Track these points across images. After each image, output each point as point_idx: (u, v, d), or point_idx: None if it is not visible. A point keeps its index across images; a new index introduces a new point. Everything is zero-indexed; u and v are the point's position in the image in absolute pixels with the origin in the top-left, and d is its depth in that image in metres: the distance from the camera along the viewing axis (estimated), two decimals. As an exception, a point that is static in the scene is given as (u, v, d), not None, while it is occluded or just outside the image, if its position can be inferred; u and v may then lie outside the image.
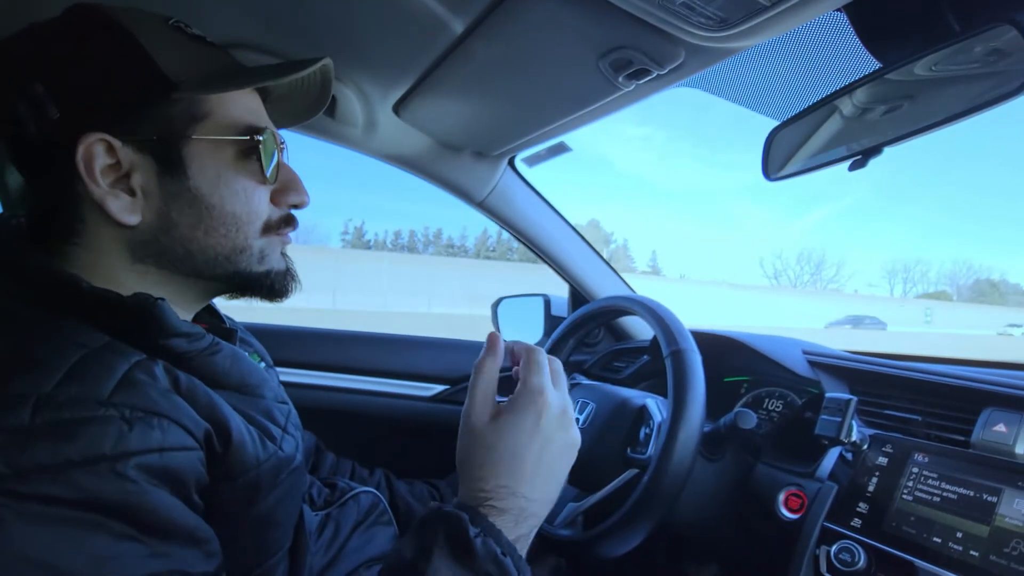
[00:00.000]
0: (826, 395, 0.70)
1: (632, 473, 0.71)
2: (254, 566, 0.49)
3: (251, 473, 0.46)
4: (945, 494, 0.58)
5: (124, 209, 0.45)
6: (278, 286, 0.54)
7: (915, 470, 0.62)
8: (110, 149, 0.44)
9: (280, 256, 0.54)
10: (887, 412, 0.73)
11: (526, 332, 1.33)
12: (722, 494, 0.75)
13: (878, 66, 0.62)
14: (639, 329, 1.25)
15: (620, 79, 0.69)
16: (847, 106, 0.67)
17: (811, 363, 0.86)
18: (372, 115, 0.92)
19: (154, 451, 0.37)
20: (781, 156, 0.75)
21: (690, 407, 0.67)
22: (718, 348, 0.94)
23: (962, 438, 0.63)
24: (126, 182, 0.45)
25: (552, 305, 1.30)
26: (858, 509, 0.62)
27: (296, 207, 0.54)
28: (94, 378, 0.37)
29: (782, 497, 0.69)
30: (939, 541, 0.55)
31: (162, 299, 0.44)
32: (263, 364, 0.62)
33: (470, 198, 1.13)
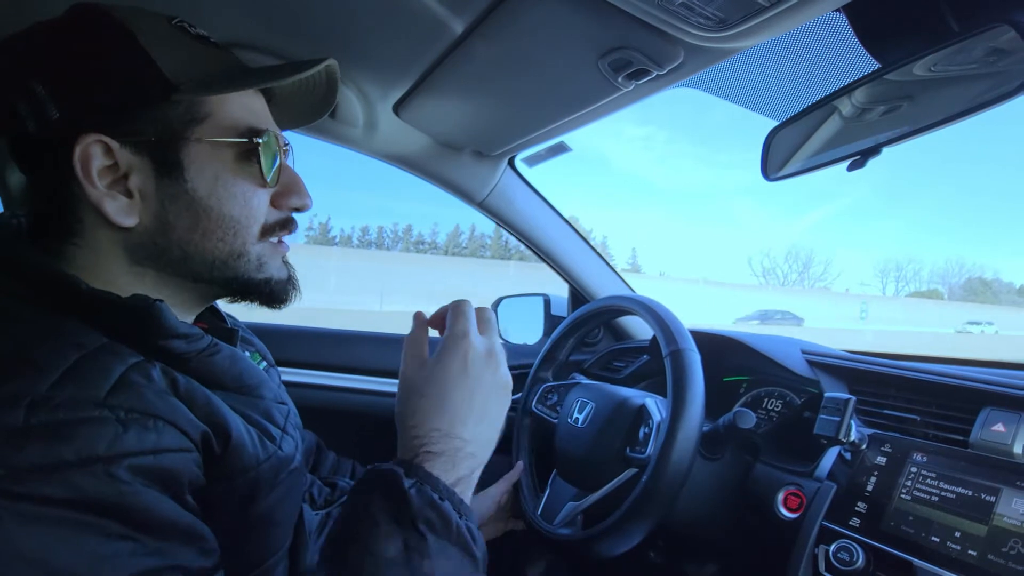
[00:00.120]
0: (825, 395, 0.70)
1: (631, 472, 0.71)
2: (254, 565, 0.49)
3: (250, 473, 0.46)
4: (943, 493, 0.58)
5: (121, 211, 0.44)
6: (277, 293, 0.53)
7: (914, 469, 0.62)
8: (108, 150, 0.44)
9: (281, 264, 0.54)
10: (886, 412, 0.73)
11: (526, 332, 1.33)
12: (721, 494, 0.75)
13: (877, 66, 0.62)
14: (639, 329, 1.25)
15: (620, 79, 0.69)
16: (846, 106, 0.67)
17: (810, 363, 0.86)
18: (372, 115, 0.92)
19: (148, 453, 0.37)
20: (780, 156, 0.75)
21: (689, 407, 0.67)
22: (717, 348, 0.94)
23: (960, 438, 0.63)
24: (124, 183, 0.45)
25: (552, 305, 1.30)
26: (857, 508, 0.63)
27: (297, 210, 0.54)
28: (90, 379, 0.37)
29: (781, 496, 0.70)
30: (937, 540, 0.56)
31: (160, 300, 0.43)
32: (264, 364, 0.63)
33: (470, 198, 1.14)
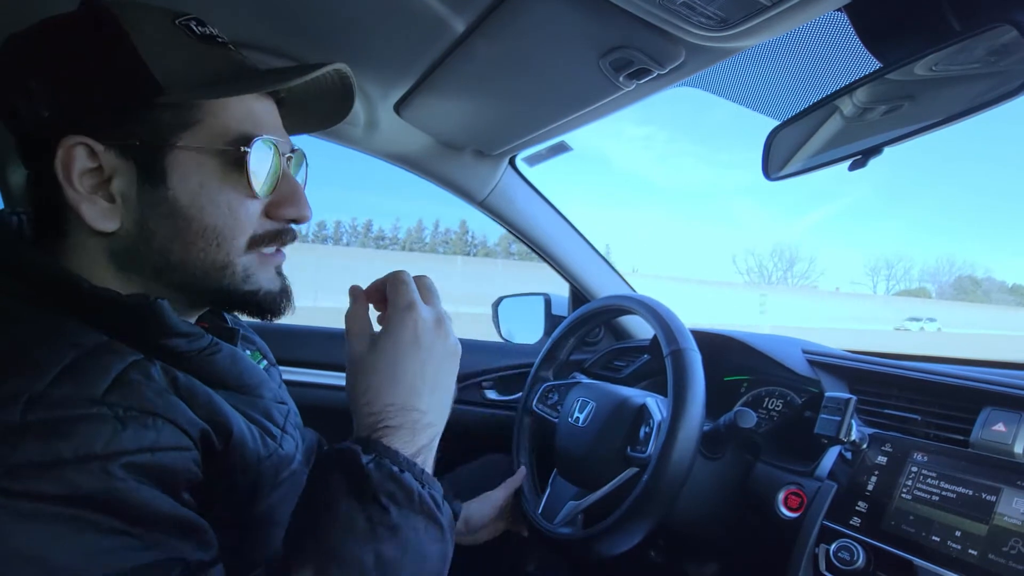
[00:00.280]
0: (826, 394, 0.70)
1: (632, 472, 0.71)
2: (255, 565, 0.49)
3: (251, 471, 0.46)
4: (944, 493, 0.58)
5: (100, 216, 0.43)
6: (267, 306, 0.51)
7: (914, 469, 0.62)
8: (92, 153, 0.42)
9: (274, 276, 0.51)
10: (887, 411, 0.73)
11: (527, 331, 1.33)
12: (722, 493, 0.75)
13: (878, 66, 0.62)
14: (639, 328, 1.25)
15: (621, 79, 0.69)
16: (847, 106, 0.67)
17: (811, 362, 0.86)
18: (373, 114, 0.92)
19: (146, 450, 0.37)
20: (781, 156, 0.75)
21: (690, 406, 0.67)
22: (718, 347, 0.94)
23: (961, 437, 0.63)
24: (107, 187, 0.43)
25: (553, 304, 1.30)
26: (857, 508, 0.63)
27: (295, 221, 0.51)
28: (88, 377, 0.37)
29: (781, 496, 0.70)
30: (938, 540, 0.56)
31: (161, 299, 0.43)
32: (265, 363, 0.63)
33: (471, 197, 1.14)
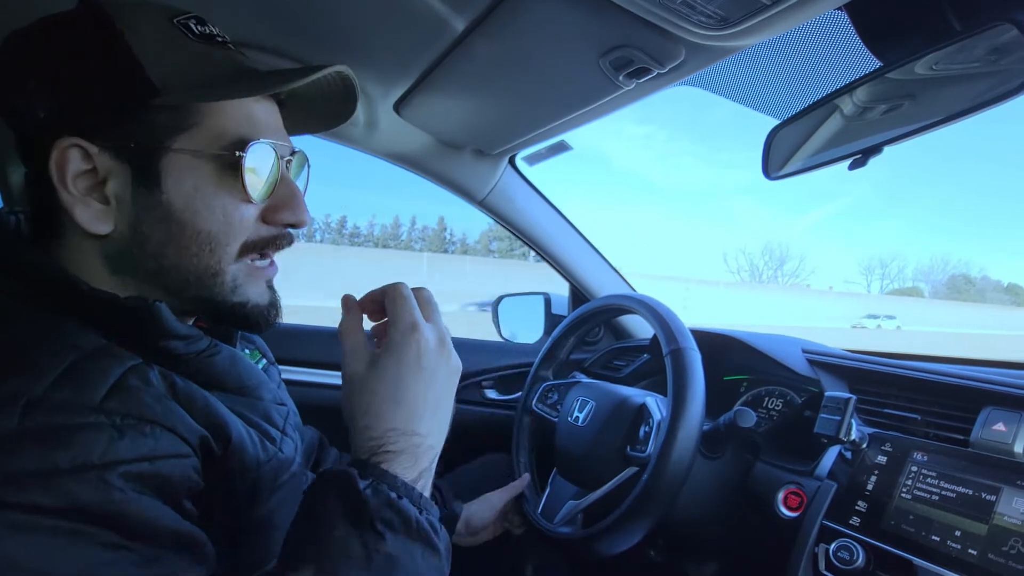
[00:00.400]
0: (826, 394, 0.70)
1: (632, 471, 0.71)
2: (255, 568, 0.48)
3: (251, 475, 0.46)
4: (944, 493, 0.58)
5: (93, 218, 0.42)
6: (254, 318, 0.49)
7: (914, 469, 0.62)
8: (87, 155, 0.42)
9: (264, 289, 0.50)
10: (886, 411, 0.73)
11: (526, 330, 1.33)
12: (721, 492, 0.75)
13: (879, 65, 0.62)
14: (639, 328, 1.25)
15: (621, 78, 0.69)
16: (848, 105, 0.67)
17: (811, 362, 0.86)
18: (373, 113, 0.92)
19: (144, 459, 0.36)
20: (781, 155, 0.75)
21: (690, 405, 0.67)
22: (718, 347, 0.94)
23: (961, 437, 0.63)
24: (101, 190, 0.43)
25: (552, 304, 1.30)
26: (857, 507, 0.63)
27: (292, 226, 0.50)
28: (87, 382, 0.36)
29: (781, 495, 0.70)
30: (938, 539, 0.56)
31: (160, 301, 0.43)
32: (264, 362, 0.62)
33: (471, 196, 1.13)
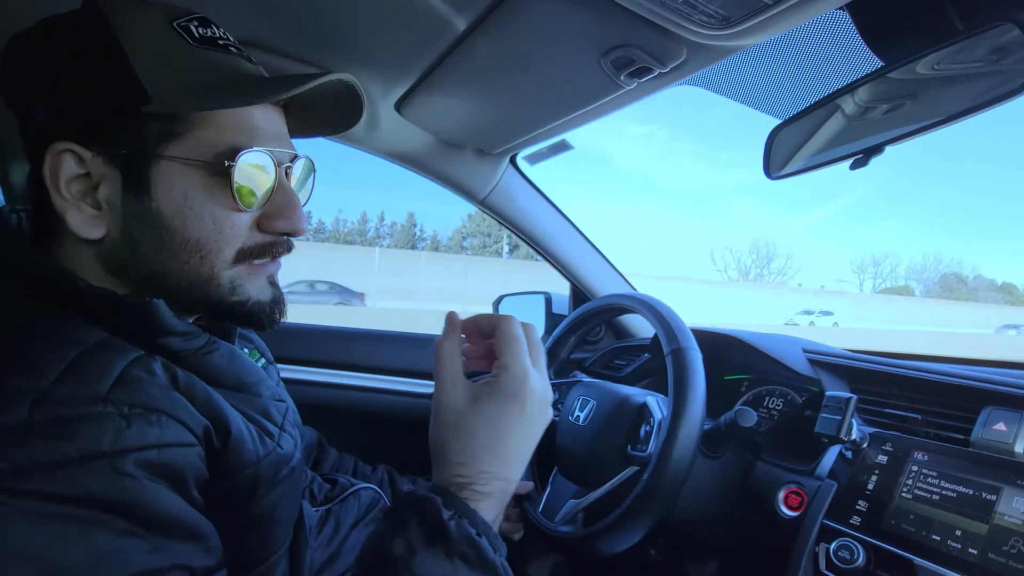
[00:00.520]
0: (826, 393, 0.70)
1: (632, 470, 0.71)
2: (255, 563, 0.49)
3: (250, 470, 0.46)
4: (944, 492, 0.59)
5: (85, 223, 0.43)
6: (256, 316, 0.49)
7: (915, 468, 0.62)
8: (80, 160, 0.42)
9: (265, 286, 0.50)
10: (887, 410, 0.73)
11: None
12: (722, 492, 0.75)
13: (880, 64, 0.62)
14: (640, 327, 1.25)
15: (622, 77, 0.69)
16: (849, 105, 0.67)
17: (811, 361, 0.86)
18: (374, 112, 0.92)
19: (152, 447, 0.37)
20: (783, 154, 0.75)
21: (690, 405, 0.67)
22: (719, 346, 0.94)
23: (962, 437, 0.64)
24: (94, 195, 0.43)
25: (553, 303, 1.30)
26: (858, 507, 0.63)
27: (287, 235, 0.50)
28: (92, 375, 0.37)
29: (782, 495, 0.70)
30: (938, 539, 0.56)
31: (158, 298, 0.43)
32: (263, 361, 0.62)
33: (472, 196, 1.13)
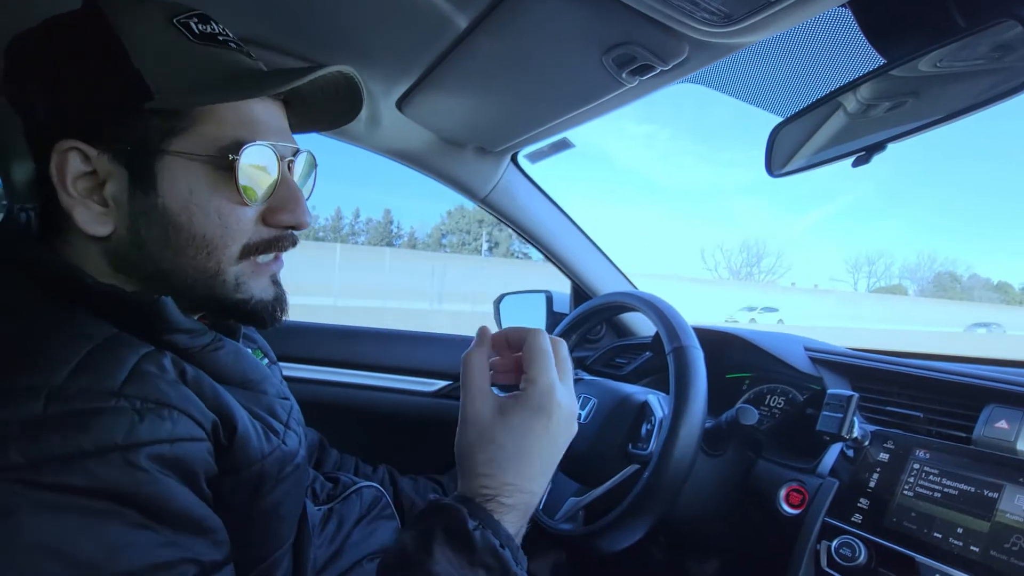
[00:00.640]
0: (828, 391, 0.70)
1: (633, 468, 0.71)
2: (259, 560, 0.49)
3: (255, 467, 0.46)
4: (946, 490, 0.59)
5: (92, 220, 0.43)
6: (258, 314, 0.50)
7: (916, 466, 0.62)
8: (86, 157, 0.42)
9: (268, 284, 0.50)
10: (889, 408, 0.73)
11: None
12: (723, 490, 0.75)
13: (882, 62, 0.62)
14: (641, 325, 1.25)
15: (624, 75, 0.69)
16: (851, 102, 0.67)
17: (813, 359, 0.86)
18: (375, 110, 0.92)
19: (164, 441, 0.37)
20: (785, 152, 0.75)
21: (692, 403, 0.67)
22: (720, 345, 0.94)
23: (964, 435, 0.64)
24: (100, 192, 0.43)
25: (554, 301, 1.30)
26: (859, 505, 0.63)
27: (292, 228, 0.50)
28: (104, 370, 0.37)
29: (783, 493, 0.70)
30: (940, 537, 0.56)
31: (165, 295, 0.44)
32: (266, 360, 0.63)
33: (473, 194, 1.13)
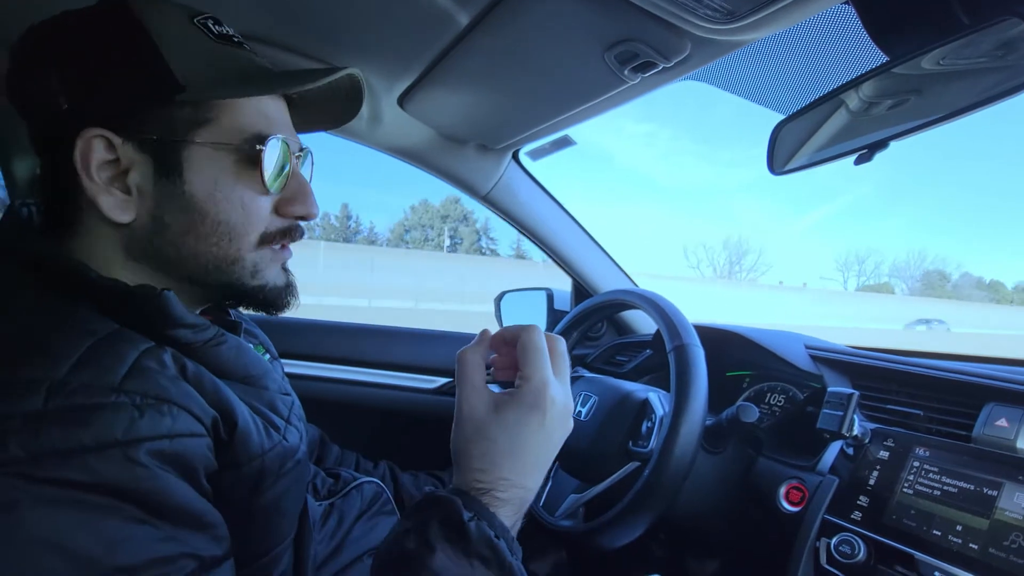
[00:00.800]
0: (828, 389, 0.70)
1: (634, 466, 0.72)
2: (260, 555, 0.49)
3: (256, 462, 0.46)
4: (945, 488, 0.59)
5: (116, 207, 0.44)
6: (273, 300, 0.52)
7: (916, 464, 0.62)
8: (110, 145, 0.44)
9: (280, 271, 0.53)
10: (889, 406, 0.73)
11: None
12: (723, 487, 0.75)
13: (885, 59, 0.62)
14: (642, 323, 1.25)
15: (626, 72, 0.69)
16: (854, 100, 0.67)
17: (813, 357, 0.86)
18: (377, 107, 0.92)
19: (164, 437, 0.38)
20: (787, 150, 0.75)
21: (692, 401, 0.67)
22: (721, 342, 0.95)
23: (963, 433, 0.64)
24: (123, 179, 0.45)
25: (555, 299, 1.30)
26: (859, 502, 0.63)
27: (302, 218, 0.53)
28: (105, 365, 0.37)
29: (783, 490, 0.70)
30: (939, 534, 0.56)
31: (168, 290, 0.44)
32: (267, 356, 0.63)
33: (474, 191, 1.13)
